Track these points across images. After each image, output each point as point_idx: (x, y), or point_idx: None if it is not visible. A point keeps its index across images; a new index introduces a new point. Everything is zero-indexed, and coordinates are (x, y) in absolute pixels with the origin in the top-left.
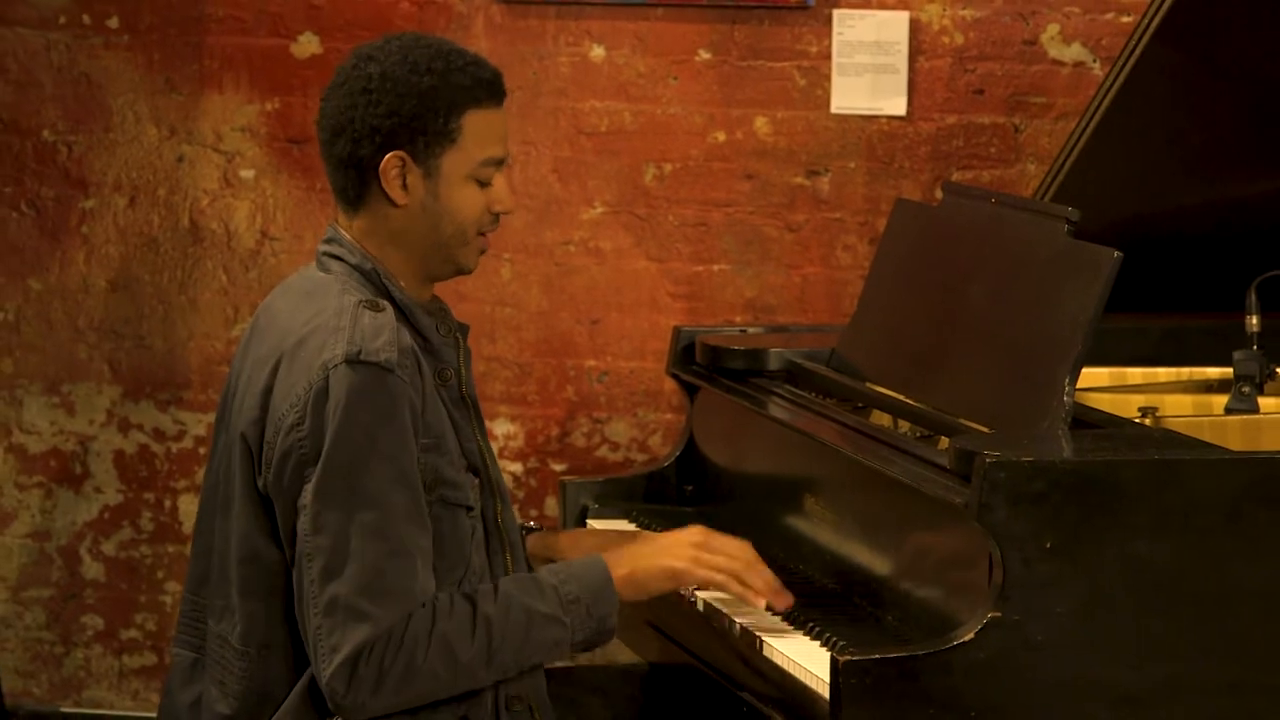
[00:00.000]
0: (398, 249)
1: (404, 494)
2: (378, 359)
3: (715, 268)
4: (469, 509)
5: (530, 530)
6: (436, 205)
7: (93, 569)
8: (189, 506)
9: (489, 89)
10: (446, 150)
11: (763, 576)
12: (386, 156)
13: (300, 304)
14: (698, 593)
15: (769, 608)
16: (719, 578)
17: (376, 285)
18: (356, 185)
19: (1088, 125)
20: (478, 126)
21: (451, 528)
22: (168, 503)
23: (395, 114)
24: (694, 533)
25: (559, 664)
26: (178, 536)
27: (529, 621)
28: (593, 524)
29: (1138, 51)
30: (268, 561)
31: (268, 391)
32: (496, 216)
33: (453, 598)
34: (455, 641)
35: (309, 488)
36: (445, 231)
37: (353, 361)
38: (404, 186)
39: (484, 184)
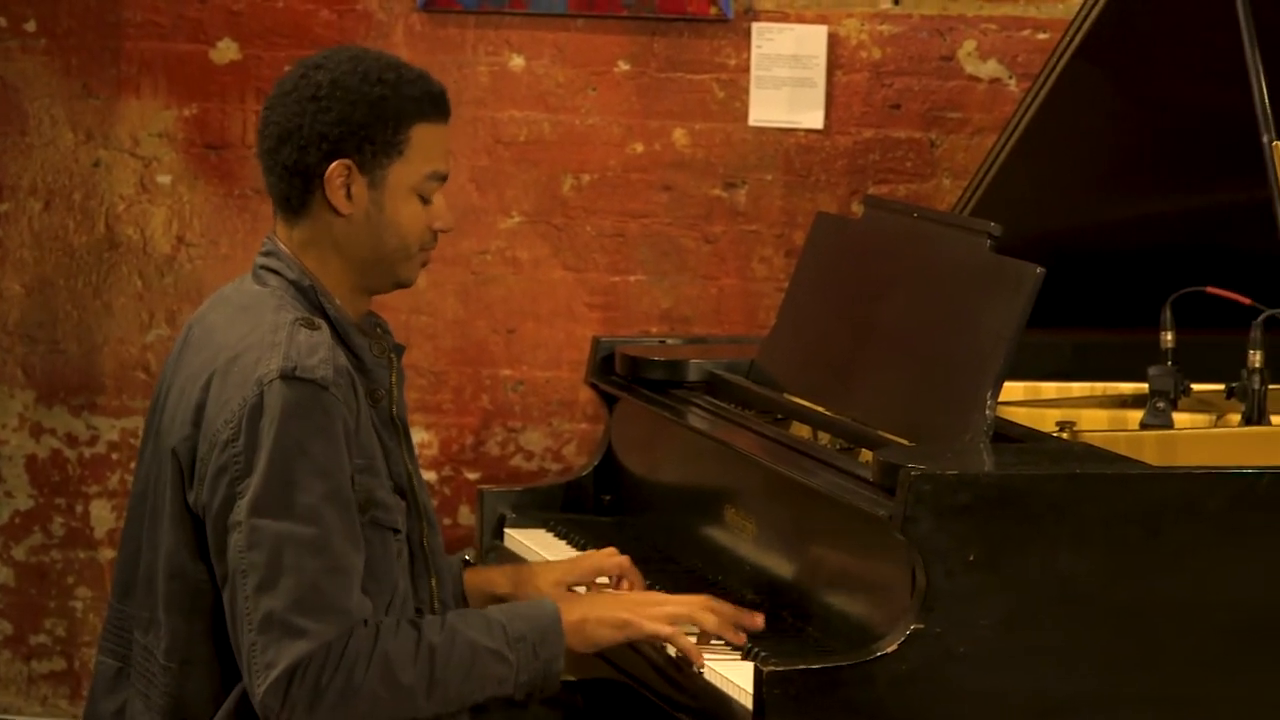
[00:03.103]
0: (338, 259)
1: (338, 510)
2: (313, 375)
3: (632, 278)
4: (396, 531)
5: (468, 564)
6: (380, 217)
7: (2, 574)
8: (101, 512)
9: (436, 104)
10: (393, 161)
11: (718, 614)
12: (333, 164)
13: (235, 318)
14: None
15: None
16: (666, 629)
17: (312, 302)
18: (300, 194)
19: (1007, 141)
20: (425, 140)
21: (382, 550)
22: (79, 508)
23: (345, 121)
24: (645, 593)
25: None
26: (89, 542)
27: (474, 655)
28: (510, 533)
29: (1059, 69)
30: (194, 579)
31: (200, 407)
32: (435, 235)
33: (398, 622)
34: (397, 664)
35: (242, 504)
36: (388, 245)
37: (288, 377)
38: (348, 196)
39: (426, 200)
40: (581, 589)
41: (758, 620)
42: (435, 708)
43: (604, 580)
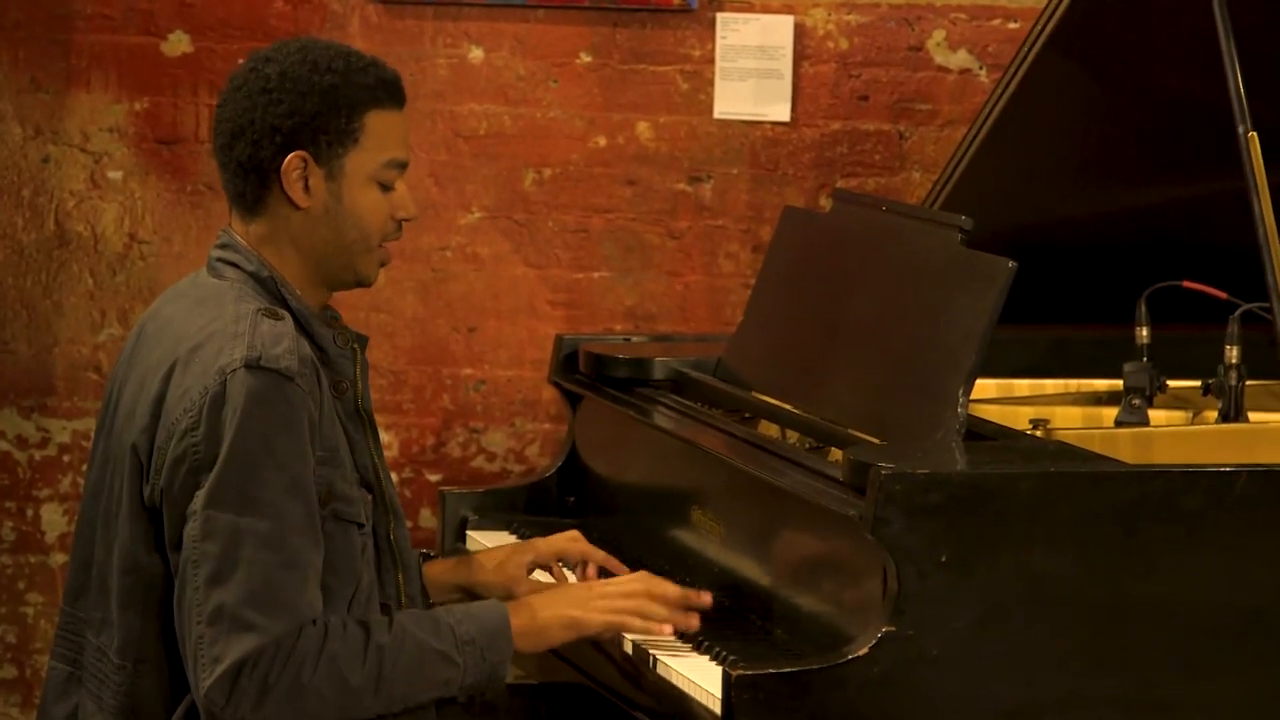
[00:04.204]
0: (297, 254)
1: (299, 506)
2: (278, 365)
3: (595, 275)
4: (360, 525)
5: (428, 557)
6: (339, 208)
7: None
8: (52, 515)
9: (390, 90)
10: (349, 150)
11: (664, 599)
12: (288, 157)
13: (193, 310)
14: None
15: (680, 632)
16: (617, 619)
17: (273, 293)
18: (256, 189)
19: (978, 133)
20: (380, 127)
21: (344, 544)
22: (30, 512)
23: (296, 113)
24: (593, 582)
25: None
26: (40, 546)
27: (421, 656)
28: (472, 535)
29: (1029, 59)
30: (149, 573)
31: (160, 399)
32: (399, 225)
33: (345, 622)
34: (345, 664)
35: (200, 494)
36: (348, 236)
37: (252, 366)
38: (306, 188)
39: (386, 188)
40: (542, 574)
41: (705, 598)
42: (380, 708)
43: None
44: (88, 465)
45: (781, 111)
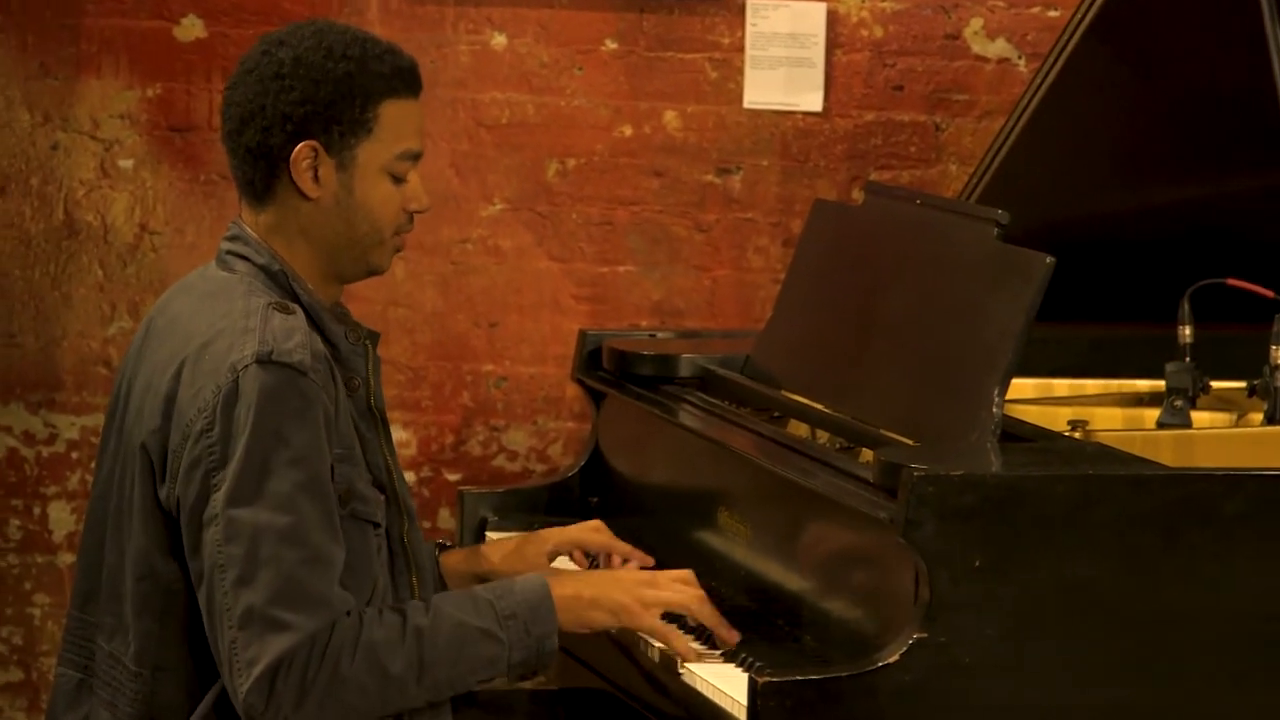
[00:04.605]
0: (307, 246)
1: (318, 502)
2: (290, 360)
3: (621, 269)
4: (376, 525)
5: (444, 548)
6: (350, 200)
7: None
8: (60, 514)
9: (406, 79)
10: (362, 141)
11: (710, 613)
12: (298, 146)
13: (203, 305)
14: None
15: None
16: (662, 626)
17: (284, 287)
18: (265, 177)
19: (1015, 124)
20: (394, 117)
21: (361, 545)
22: (37, 510)
23: (309, 101)
24: (643, 574)
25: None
26: (47, 546)
27: (463, 636)
28: (492, 537)
29: (1069, 49)
30: (165, 579)
31: (171, 398)
32: (411, 216)
33: (380, 610)
34: (384, 653)
35: (218, 496)
36: (359, 229)
37: (264, 362)
38: (316, 179)
39: (399, 180)
40: (563, 561)
41: (733, 639)
42: (427, 695)
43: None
44: (96, 464)
45: (813, 101)
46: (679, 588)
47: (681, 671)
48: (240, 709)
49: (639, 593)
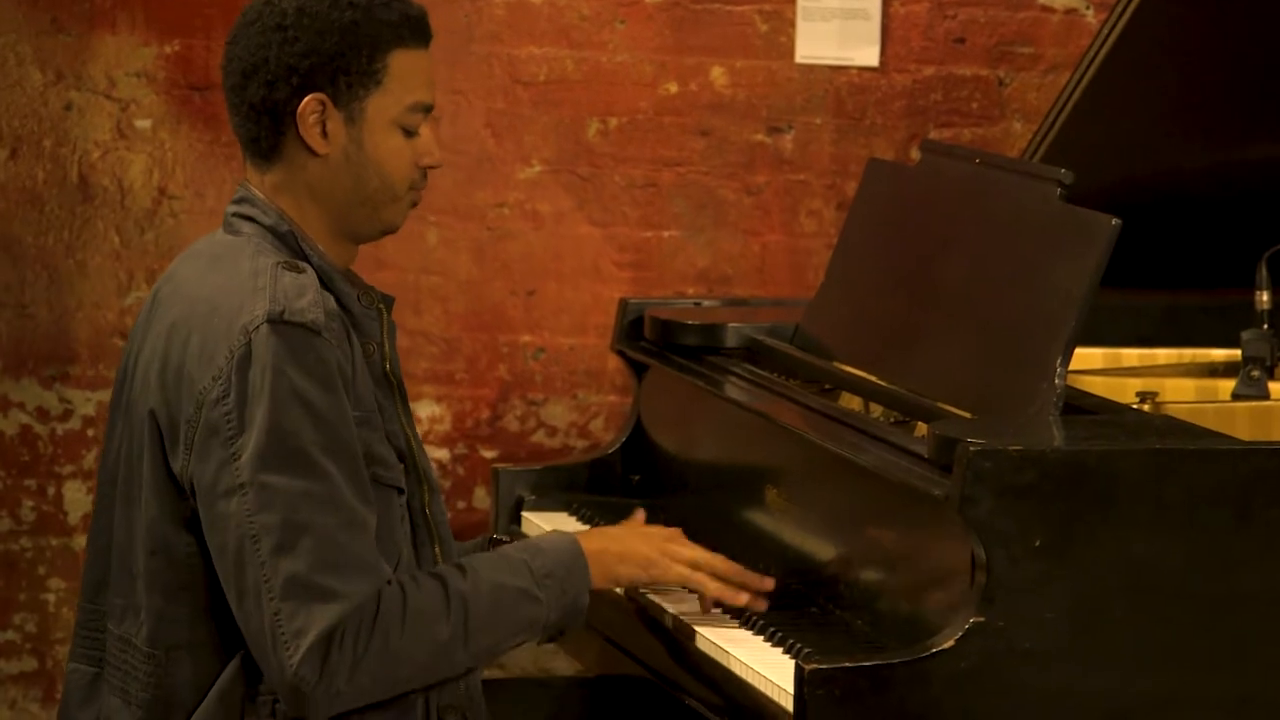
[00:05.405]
0: (316, 205)
1: (346, 464)
2: (303, 319)
3: (665, 234)
4: (400, 490)
5: (497, 542)
6: (360, 155)
7: None
8: (75, 494)
9: (415, 28)
10: (371, 93)
11: (738, 571)
12: (305, 100)
13: (208, 270)
14: (649, 595)
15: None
16: (693, 575)
17: (292, 248)
18: (271, 134)
19: (1081, 79)
20: (404, 67)
21: (385, 512)
22: (51, 490)
23: (315, 52)
24: (663, 529)
25: (492, 675)
26: (62, 528)
27: (502, 597)
28: (528, 517)
29: None
30: (180, 553)
31: (179, 366)
32: (425, 172)
33: (416, 576)
34: (431, 620)
35: (241, 464)
36: (370, 185)
37: (275, 322)
38: (324, 133)
39: (410, 133)
40: None
41: (768, 583)
42: (471, 661)
43: None
44: (104, 445)
45: (869, 55)
46: (704, 552)
47: (727, 660)
48: (285, 685)
49: (665, 546)
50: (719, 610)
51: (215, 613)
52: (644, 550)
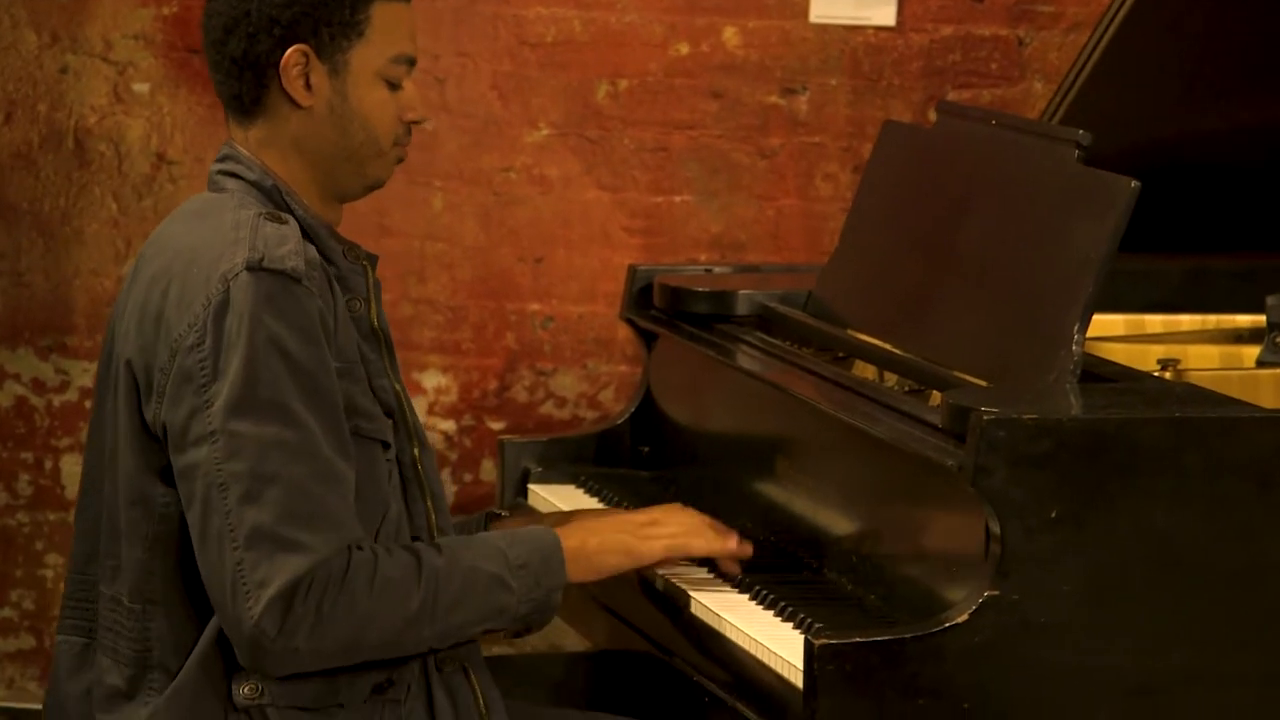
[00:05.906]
0: (301, 159)
1: (325, 415)
2: (283, 266)
3: (676, 199)
4: (385, 444)
5: (496, 517)
6: (345, 107)
7: None
8: (72, 467)
9: None
10: (354, 44)
11: (719, 531)
12: (287, 52)
13: (191, 225)
14: (658, 570)
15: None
16: (676, 542)
17: (276, 202)
18: (253, 89)
19: (1102, 37)
20: (386, 19)
21: (368, 465)
22: (48, 463)
23: (296, 3)
24: (641, 511)
25: (501, 651)
26: (59, 502)
27: (474, 581)
28: (534, 489)
29: None
30: (156, 504)
31: (157, 315)
32: (409, 127)
33: (389, 547)
34: (401, 589)
35: (213, 411)
36: (355, 139)
37: (254, 269)
38: (307, 85)
39: (394, 86)
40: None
41: (747, 549)
42: (435, 639)
43: None
44: (92, 417)
45: (886, 15)
46: (681, 520)
47: (732, 633)
48: (243, 638)
49: (645, 531)
50: (728, 586)
51: (192, 569)
52: (625, 539)
